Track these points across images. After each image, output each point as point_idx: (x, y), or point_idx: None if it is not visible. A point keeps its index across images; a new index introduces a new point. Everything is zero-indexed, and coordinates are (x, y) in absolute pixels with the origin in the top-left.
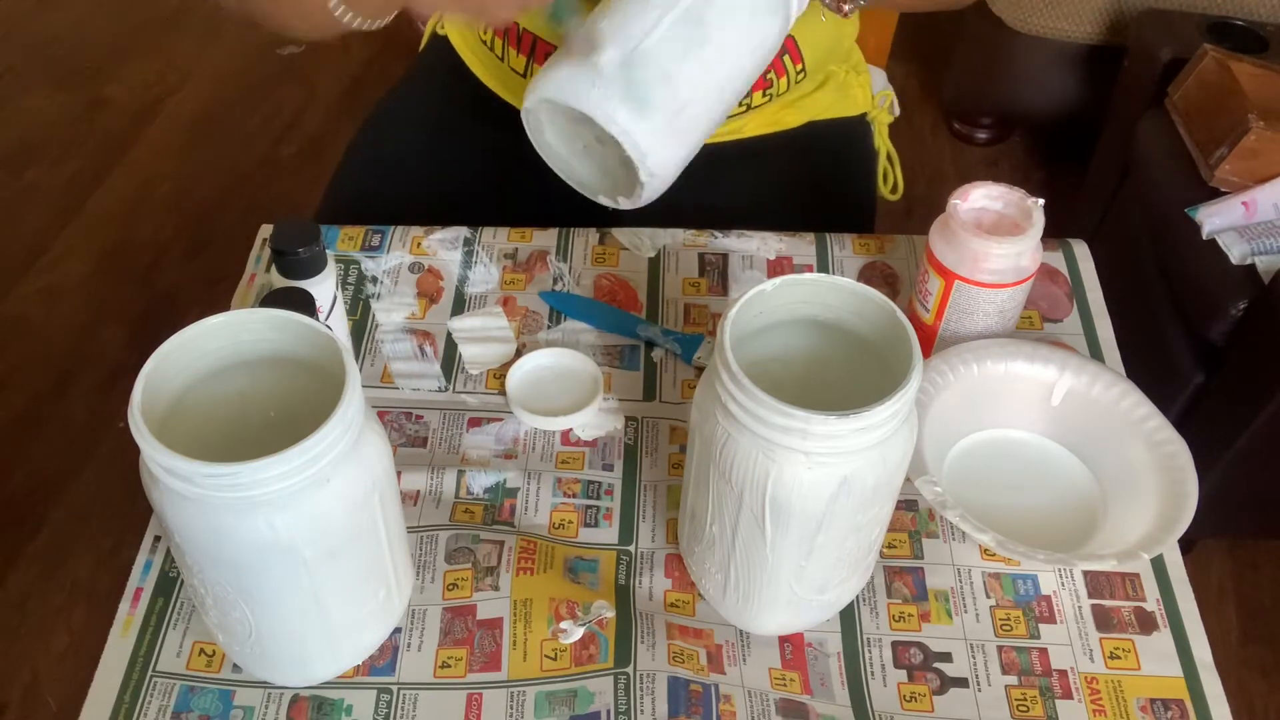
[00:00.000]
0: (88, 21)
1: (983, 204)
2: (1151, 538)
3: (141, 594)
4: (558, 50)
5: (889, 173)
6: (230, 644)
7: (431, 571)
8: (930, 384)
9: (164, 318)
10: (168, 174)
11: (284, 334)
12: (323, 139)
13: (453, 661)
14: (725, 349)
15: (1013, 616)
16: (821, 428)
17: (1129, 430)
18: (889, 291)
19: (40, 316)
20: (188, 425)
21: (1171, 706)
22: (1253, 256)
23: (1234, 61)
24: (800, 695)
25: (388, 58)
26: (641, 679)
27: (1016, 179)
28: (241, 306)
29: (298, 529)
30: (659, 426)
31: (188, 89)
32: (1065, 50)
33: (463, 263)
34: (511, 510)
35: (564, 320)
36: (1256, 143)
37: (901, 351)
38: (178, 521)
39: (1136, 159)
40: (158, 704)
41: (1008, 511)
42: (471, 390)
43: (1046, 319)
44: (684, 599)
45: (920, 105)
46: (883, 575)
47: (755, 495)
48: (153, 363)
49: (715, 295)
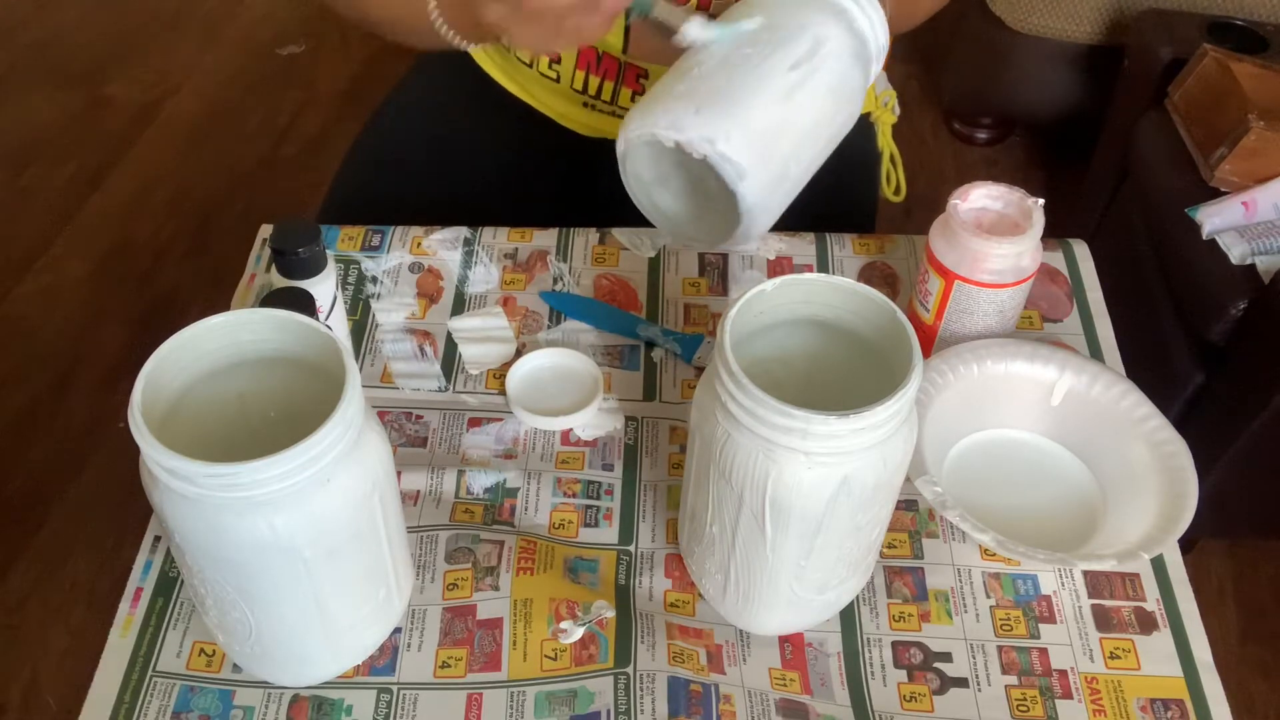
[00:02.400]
0: (88, 21)
1: (983, 204)
2: (1151, 538)
3: (141, 594)
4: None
5: (891, 174)
6: (230, 644)
7: (431, 571)
8: (930, 384)
9: (164, 318)
10: (168, 174)
11: (284, 334)
12: (323, 139)
13: (453, 661)
14: (725, 349)
15: (1013, 616)
16: (821, 428)
17: (1129, 430)
18: (889, 291)
19: (40, 316)
20: (188, 425)
21: (1171, 706)
22: (1253, 256)
23: (1234, 61)
24: (800, 695)
25: (388, 57)
26: (641, 679)
27: (1016, 179)
28: (241, 306)
29: (298, 529)
30: (659, 426)
31: (188, 89)
32: (1065, 50)
33: (463, 263)
34: (511, 510)
35: (564, 320)
36: (1256, 143)
37: (901, 351)
38: (178, 521)
39: (1136, 159)
40: (158, 704)
41: (1008, 511)
42: (471, 390)
43: (1046, 319)
44: (684, 599)
45: (920, 106)
46: (883, 575)
47: (755, 495)
48: (153, 363)
49: (715, 295)
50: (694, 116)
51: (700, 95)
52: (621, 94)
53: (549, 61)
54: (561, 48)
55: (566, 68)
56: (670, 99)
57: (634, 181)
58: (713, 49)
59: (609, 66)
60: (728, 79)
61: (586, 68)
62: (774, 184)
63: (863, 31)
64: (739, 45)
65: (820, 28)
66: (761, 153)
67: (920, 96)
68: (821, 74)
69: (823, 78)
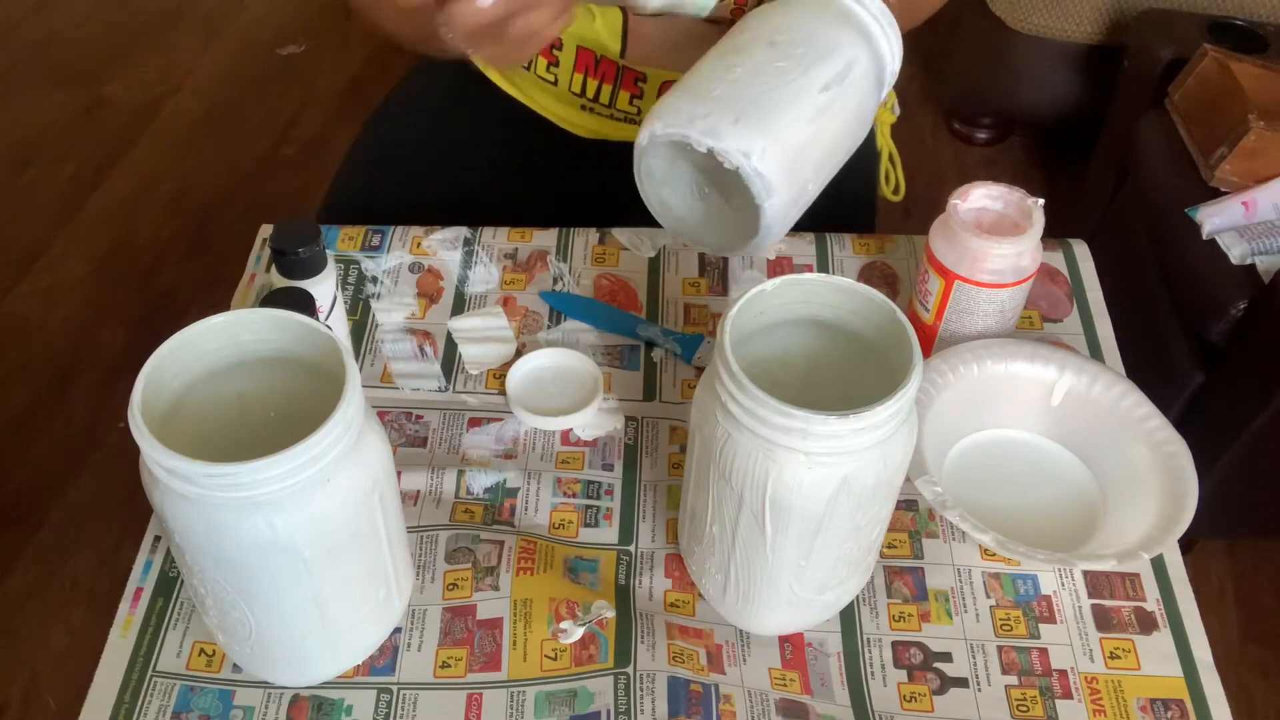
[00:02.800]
0: (88, 21)
1: (983, 204)
2: (1151, 538)
3: (141, 594)
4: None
5: (890, 173)
6: (230, 644)
7: (431, 571)
8: (930, 384)
9: (164, 318)
10: (168, 174)
11: (284, 334)
12: (323, 139)
13: (453, 661)
14: (725, 349)
15: (1013, 616)
16: (821, 428)
17: (1129, 430)
18: (889, 291)
19: (40, 316)
20: (188, 425)
21: (1171, 706)
22: (1253, 256)
23: (1234, 61)
24: (800, 695)
25: (388, 58)
26: (641, 679)
27: (1016, 179)
28: (241, 306)
29: (298, 529)
30: (659, 426)
31: (188, 89)
32: (1065, 50)
33: (463, 263)
34: (511, 510)
35: (564, 320)
36: (1256, 143)
37: (901, 351)
38: (178, 521)
39: (1136, 159)
40: (158, 704)
41: (1008, 511)
42: (471, 390)
43: (1046, 319)
44: (684, 599)
45: (920, 106)
46: (883, 575)
47: (755, 495)
48: (153, 363)
49: (715, 295)
50: (732, 126)
51: (739, 104)
52: (619, 97)
53: (547, 65)
54: (526, 53)
55: (565, 71)
56: (707, 101)
57: (645, 177)
58: (743, 49)
59: (607, 70)
60: (764, 92)
61: (585, 71)
62: (794, 201)
63: (883, 55)
64: (773, 58)
65: (852, 49)
66: (790, 171)
67: (920, 96)
68: (850, 97)
69: (850, 100)
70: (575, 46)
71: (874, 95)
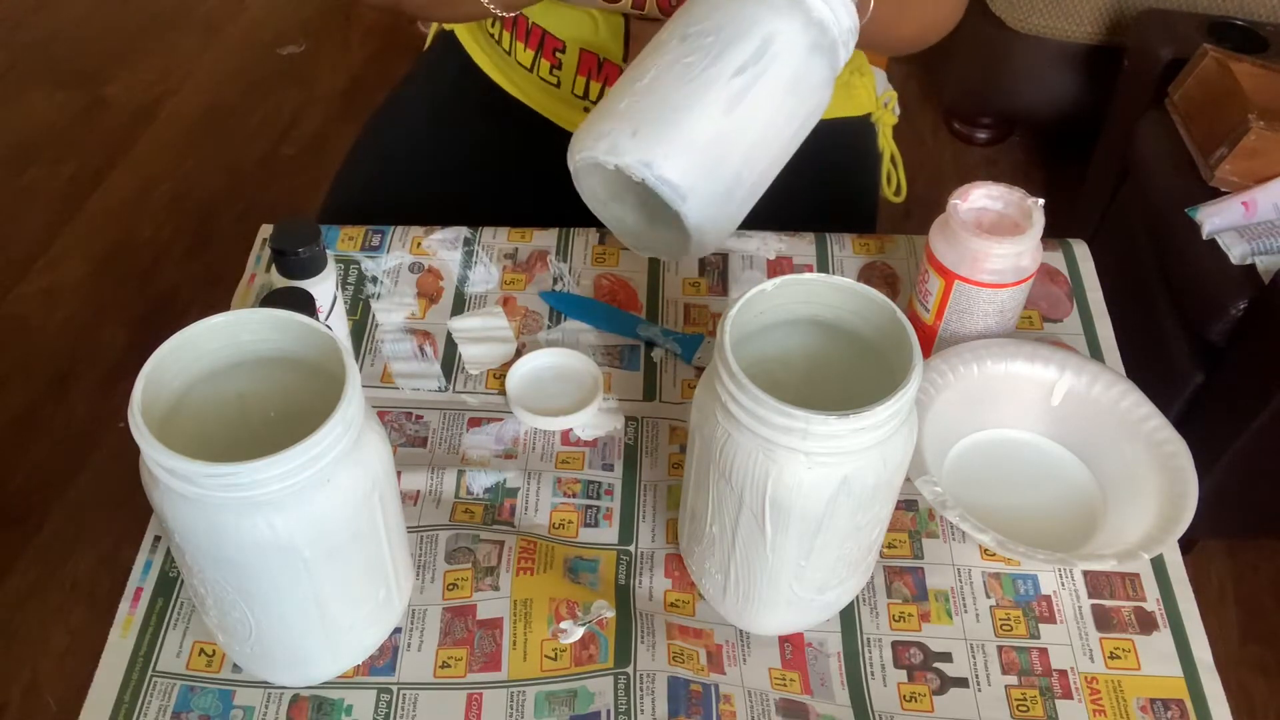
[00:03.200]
0: (88, 21)
1: (983, 204)
2: (1151, 538)
3: (141, 594)
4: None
5: (892, 174)
6: (230, 644)
7: (431, 571)
8: (930, 384)
9: (164, 318)
10: (168, 174)
11: (284, 334)
12: (323, 139)
13: (453, 661)
14: (725, 349)
15: (1013, 616)
16: (821, 428)
17: (1129, 430)
18: (889, 291)
19: (40, 316)
20: (188, 425)
21: (1171, 706)
22: (1253, 256)
23: (1234, 61)
24: (800, 695)
25: (388, 57)
26: (641, 679)
27: (1016, 179)
28: (241, 306)
29: (298, 529)
30: (659, 426)
31: (188, 89)
32: (1065, 50)
33: (463, 263)
34: (511, 510)
35: (564, 320)
36: (1256, 143)
37: (901, 351)
38: (178, 521)
39: (1136, 159)
40: (158, 704)
41: (1008, 511)
42: (471, 390)
43: (1046, 319)
44: (684, 599)
45: (920, 106)
46: (883, 575)
47: (755, 495)
48: (153, 363)
49: (715, 295)
50: (631, 140)
51: (638, 114)
52: None
53: (549, 67)
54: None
55: (567, 74)
56: (611, 119)
57: (590, 198)
58: (659, 48)
59: (610, 73)
60: (667, 93)
61: (587, 74)
62: (724, 197)
63: (822, 19)
64: (682, 54)
65: (769, 24)
66: (707, 169)
67: (920, 96)
68: (771, 75)
69: (774, 78)
70: (578, 49)
71: (817, 62)
